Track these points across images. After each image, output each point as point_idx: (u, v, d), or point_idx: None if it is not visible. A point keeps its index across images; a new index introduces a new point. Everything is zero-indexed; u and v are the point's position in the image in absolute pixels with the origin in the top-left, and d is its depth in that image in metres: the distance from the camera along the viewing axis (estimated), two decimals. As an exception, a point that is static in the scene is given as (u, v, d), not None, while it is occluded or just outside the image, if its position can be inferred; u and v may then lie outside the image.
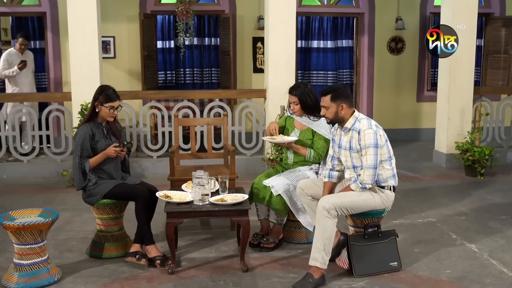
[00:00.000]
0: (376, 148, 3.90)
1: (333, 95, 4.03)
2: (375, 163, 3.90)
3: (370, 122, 3.99)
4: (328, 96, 4.04)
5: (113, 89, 4.43)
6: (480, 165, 7.12)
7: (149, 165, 7.29)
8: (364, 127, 3.94)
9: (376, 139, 3.91)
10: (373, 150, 3.90)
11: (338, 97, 4.02)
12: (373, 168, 3.90)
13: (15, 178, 7.08)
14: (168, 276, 4.05)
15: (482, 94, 8.13)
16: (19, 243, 3.83)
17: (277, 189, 4.48)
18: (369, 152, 3.90)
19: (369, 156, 3.90)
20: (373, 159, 3.89)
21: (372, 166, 3.90)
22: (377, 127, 3.98)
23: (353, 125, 4.01)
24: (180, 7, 7.98)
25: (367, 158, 3.90)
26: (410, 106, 10.03)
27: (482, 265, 4.28)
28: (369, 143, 3.90)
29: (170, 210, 4.04)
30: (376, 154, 3.90)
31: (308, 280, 3.83)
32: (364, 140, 3.91)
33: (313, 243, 3.91)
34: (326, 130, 4.62)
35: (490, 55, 9.98)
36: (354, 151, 4.00)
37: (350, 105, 4.05)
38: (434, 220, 5.44)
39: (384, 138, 3.99)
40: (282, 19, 7.10)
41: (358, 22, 9.83)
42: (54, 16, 8.82)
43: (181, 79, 10.06)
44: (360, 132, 3.94)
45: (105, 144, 4.35)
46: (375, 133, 3.92)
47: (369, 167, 3.90)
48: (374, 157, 3.90)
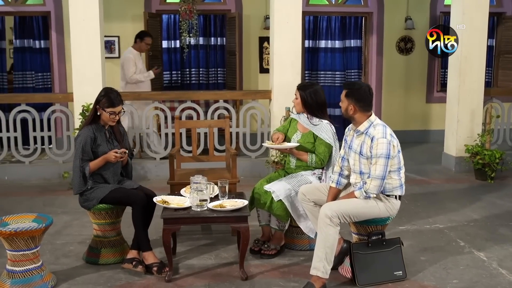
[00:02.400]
0: (388, 159, 3.74)
1: (347, 92, 3.91)
2: (383, 174, 3.75)
3: (386, 131, 3.81)
4: (344, 91, 3.94)
5: (116, 93, 4.29)
6: (490, 168, 6.95)
7: (152, 167, 7.19)
8: (379, 135, 3.78)
9: (389, 150, 3.75)
10: (383, 160, 3.74)
11: (350, 96, 3.89)
12: (380, 179, 3.75)
13: (17, 180, 7.00)
14: (165, 284, 3.94)
15: (493, 95, 7.95)
16: (12, 249, 3.74)
17: (278, 194, 4.35)
18: (380, 162, 3.74)
19: (379, 166, 3.74)
20: (382, 170, 3.74)
21: (380, 177, 3.75)
22: (391, 136, 3.81)
23: (367, 129, 3.86)
24: (184, 6, 7.87)
25: (376, 168, 3.75)
26: (419, 107, 9.84)
27: (491, 275, 4.13)
28: (381, 153, 3.74)
29: (167, 216, 3.93)
30: (386, 165, 3.74)
31: None
32: (377, 149, 3.75)
33: (315, 251, 3.78)
34: (327, 135, 4.47)
35: (502, 56, 9.78)
36: (364, 157, 3.85)
37: (362, 109, 3.87)
38: (442, 226, 5.28)
39: (397, 149, 3.83)
40: (288, 19, 6.95)
41: (367, 21, 9.66)
42: (58, 16, 8.74)
43: (187, 79, 9.95)
44: (373, 140, 3.78)
45: (106, 148, 4.24)
46: (388, 143, 3.75)
47: (377, 178, 3.74)
48: (384, 167, 3.74)
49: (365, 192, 3.78)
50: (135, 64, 7.60)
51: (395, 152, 3.81)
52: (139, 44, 7.79)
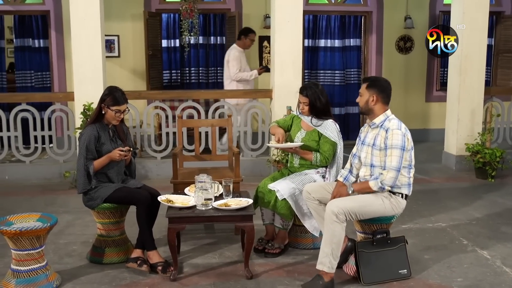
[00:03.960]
0: (403, 151, 3.77)
1: (370, 84, 3.95)
2: (399, 166, 3.76)
3: (400, 124, 3.87)
4: (365, 84, 3.97)
5: (121, 92, 4.28)
6: (491, 167, 6.96)
7: (152, 166, 7.17)
8: (394, 126, 3.83)
9: (404, 142, 3.79)
10: (399, 152, 3.76)
11: (373, 87, 3.93)
12: (396, 170, 3.76)
13: (17, 179, 6.98)
14: (170, 283, 3.93)
15: (493, 94, 7.97)
16: (17, 248, 3.72)
17: (282, 193, 4.34)
18: (395, 153, 3.76)
19: (394, 157, 3.76)
20: (398, 161, 3.76)
21: (396, 168, 3.76)
22: (406, 130, 3.86)
23: (382, 122, 3.90)
24: (185, 5, 7.85)
25: (392, 159, 3.76)
26: (419, 106, 9.86)
27: (495, 273, 4.13)
28: (396, 144, 3.77)
29: (172, 215, 3.92)
30: (401, 156, 3.77)
31: (318, 282, 3.75)
32: (392, 139, 3.78)
33: (321, 247, 3.81)
34: (332, 133, 4.47)
35: (501, 55, 9.80)
36: (377, 148, 3.87)
37: (383, 101, 3.93)
38: (444, 225, 5.28)
39: (410, 144, 3.86)
40: (289, 18, 6.95)
41: (366, 20, 9.66)
42: (58, 15, 8.71)
43: (186, 78, 9.93)
44: (388, 131, 3.82)
45: (110, 147, 4.23)
46: (403, 135, 3.80)
47: (393, 169, 3.75)
48: (399, 159, 3.76)
49: (381, 183, 3.78)
50: (239, 61, 7.54)
51: (409, 145, 3.84)
52: (244, 40, 7.73)
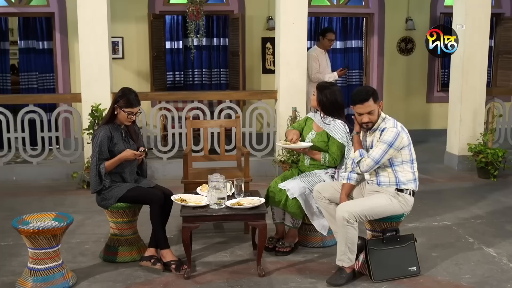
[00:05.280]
0: (389, 147, 3.88)
1: (375, 97, 4.00)
2: (379, 158, 3.90)
3: (396, 123, 3.99)
4: (371, 100, 3.95)
5: (135, 94, 4.34)
6: (493, 167, 7.04)
7: (159, 167, 7.24)
8: (390, 125, 3.95)
9: (394, 139, 3.89)
10: (385, 146, 3.88)
11: (376, 97, 4.02)
12: (375, 162, 3.90)
13: (25, 180, 7.03)
14: (184, 281, 4.00)
15: (494, 95, 8.06)
16: (34, 247, 3.78)
17: (292, 192, 4.42)
18: (381, 146, 3.89)
19: (379, 150, 3.90)
20: (380, 155, 3.89)
21: (376, 159, 3.90)
22: (402, 128, 3.96)
23: (379, 124, 4.01)
24: (191, 7, 7.92)
25: (377, 151, 3.91)
26: (420, 107, 9.95)
27: (502, 270, 4.22)
28: (386, 139, 3.89)
29: (187, 214, 3.99)
30: (386, 152, 3.89)
31: (341, 275, 3.91)
32: (384, 135, 3.90)
33: (338, 246, 3.96)
34: (340, 134, 4.55)
35: (501, 56, 9.89)
36: None
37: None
38: (449, 223, 5.37)
39: (407, 141, 3.96)
40: (294, 20, 7.04)
41: (368, 22, 9.75)
42: (62, 17, 8.75)
43: (190, 80, 9.99)
44: (384, 130, 3.93)
45: (123, 147, 4.29)
46: (397, 133, 3.90)
47: (373, 159, 3.91)
48: (382, 153, 3.89)
49: (356, 162, 3.97)
50: (318, 62, 7.58)
51: (400, 144, 3.93)
52: (322, 41, 7.80)
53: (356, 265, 4.15)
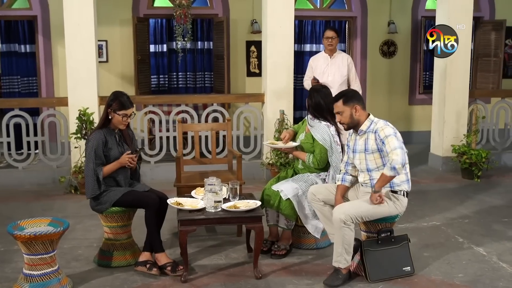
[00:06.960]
0: (395, 135, 3.90)
1: (345, 99, 4.06)
2: (400, 144, 3.87)
3: (387, 122, 4.05)
4: (340, 101, 4.07)
5: (126, 96, 4.34)
6: (477, 167, 7.18)
7: (146, 171, 7.20)
8: (381, 124, 3.99)
9: (394, 130, 3.95)
10: (393, 137, 3.89)
11: (350, 100, 4.05)
12: (400, 148, 3.84)
13: (10, 185, 6.92)
14: (181, 285, 4.00)
15: (476, 97, 8.22)
16: (30, 253, 3.74)
17: (286, 193, 4.46)
18: (390, 139, 3.88)
19: (392, 141, 3.87)
20: (397, 142, 3.86)
21: (398, 146, 3.84)
22: (394, 129, 4.01)
23: (368, 127, 4.04)
24: (179, 11, 7.92)
25: (390, 144, 3.86)
26: (402, 109, 10.09)
27: (493, 269, 4.31)
28: (389, 133, 3.91)
29: (183, 218, 3.99)
30: (397, 139, 3.88)
31: (338, 276, 3.96)
32: (384, 132, 3.93)
33: (334, 247, 3.99)
34: (321, 136, 4.58)
35: (480, 59, 10.08)
36: (369, 152, 4.01)
37: (363, 107, 4.08)
38: (438, 223, 5.46)
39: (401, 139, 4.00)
40: (281, 23, 7.08)
41: (351, 25, 9.86)
42: (45, 20, 8.66)
43: (174, 83, 9.98)
44: (377, 131, 3.97)
45: (117, 151, 4.28)
46: (393, 127, 3.98)
47: (396, 148, 3.83)
48: (396, 140, 3.87)
49: (391, 165, 3.82)
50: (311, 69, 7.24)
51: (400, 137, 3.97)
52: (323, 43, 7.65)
53: (352, 266, 4.20)
